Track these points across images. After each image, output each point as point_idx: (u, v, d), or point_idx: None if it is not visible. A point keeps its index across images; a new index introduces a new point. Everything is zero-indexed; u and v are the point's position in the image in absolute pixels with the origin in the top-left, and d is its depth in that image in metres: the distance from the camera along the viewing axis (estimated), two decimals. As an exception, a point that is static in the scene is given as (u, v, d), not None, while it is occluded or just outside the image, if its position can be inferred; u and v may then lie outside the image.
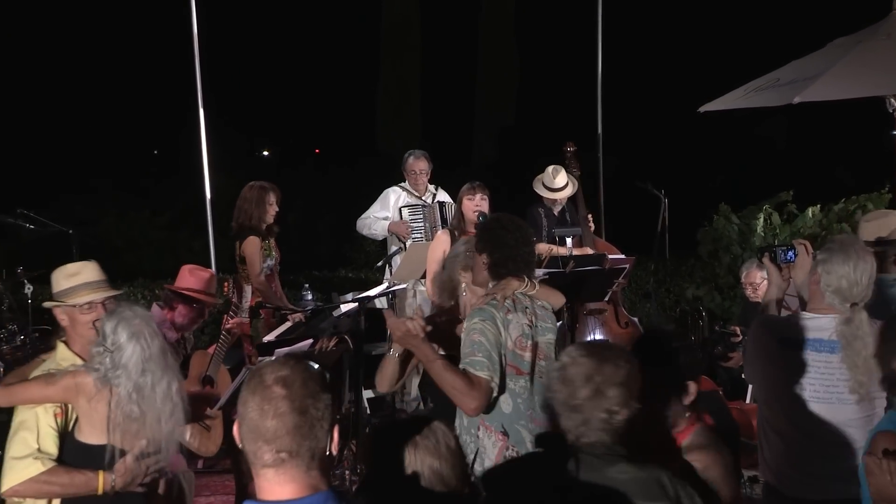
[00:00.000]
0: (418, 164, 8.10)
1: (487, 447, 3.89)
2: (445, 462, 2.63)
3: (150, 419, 3.52)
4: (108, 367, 3.52)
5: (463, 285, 4.32)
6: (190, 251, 14.21)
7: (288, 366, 2.27)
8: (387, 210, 8.13)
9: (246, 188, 7.25)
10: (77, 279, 3.90)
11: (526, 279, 4.12)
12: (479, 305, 4.00)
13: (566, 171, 8.26)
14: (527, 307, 4.05)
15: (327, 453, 2.25)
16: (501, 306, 3.98)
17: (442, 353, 3.88)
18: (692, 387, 3.30)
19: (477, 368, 3.80)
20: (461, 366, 3.81)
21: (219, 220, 8.68)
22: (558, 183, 8.19)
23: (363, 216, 8.21)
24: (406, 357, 4.05)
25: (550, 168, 8.19)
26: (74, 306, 3.82)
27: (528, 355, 3.96)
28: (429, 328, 3.84)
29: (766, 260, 4.26)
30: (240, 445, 2.28)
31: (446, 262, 4.48)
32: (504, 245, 4.15)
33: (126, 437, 3.53)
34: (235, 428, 2.30)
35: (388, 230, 8.01)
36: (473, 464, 3.84)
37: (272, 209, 7.22)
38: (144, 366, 3.51)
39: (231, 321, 6.02)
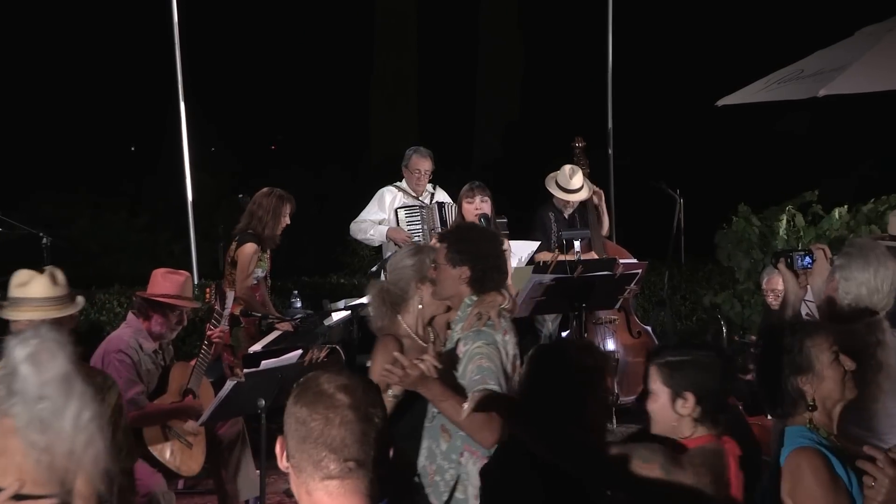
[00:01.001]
0: (422, 163, 8.06)
1: (471, 473, 3.86)
2: None
3: (59, 451, 3.30)
4: (3, 394, 3.32)
5: (417, 299, 4.28)
6: (170, 255, 14.21)
7: (344, 375, 2.34)
8: (383, 211, 8.10)
9: (263, 194, 7.24)
10: (23, 291, 3.85)
11: (506, 294, 4.16)
12: (474, 327, 3.96)
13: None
14: (508, 324, 4.09)
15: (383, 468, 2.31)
16: (498, 327, 3.99)
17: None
18: (689, 398, 3.31)
19: None
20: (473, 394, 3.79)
21: (201, 222, 8.69)
22: (574, 184, 8.18)
23: (358, 220, 8.17)
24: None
25: (567, 167, 8.18)
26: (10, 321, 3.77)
27: (516, 377, 3.97)
28: (440, 366, 3.75)
29: (781, 266, 4.25)
30: (284, 462, 2.30)
31: (391, 272, 4.38)
32: (487, 256, 4.13)
33: (38, 472, 3.32)
34: (279, 444, 2.33)
35: (387, 237, 7.96)
36: (453, 492, 3.84)
37: (285, 222, 7.24)
38: (41, 391, 3.29)
39: (214, 330, 6.02)
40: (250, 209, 7.23)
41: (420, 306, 4.26)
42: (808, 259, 4.21)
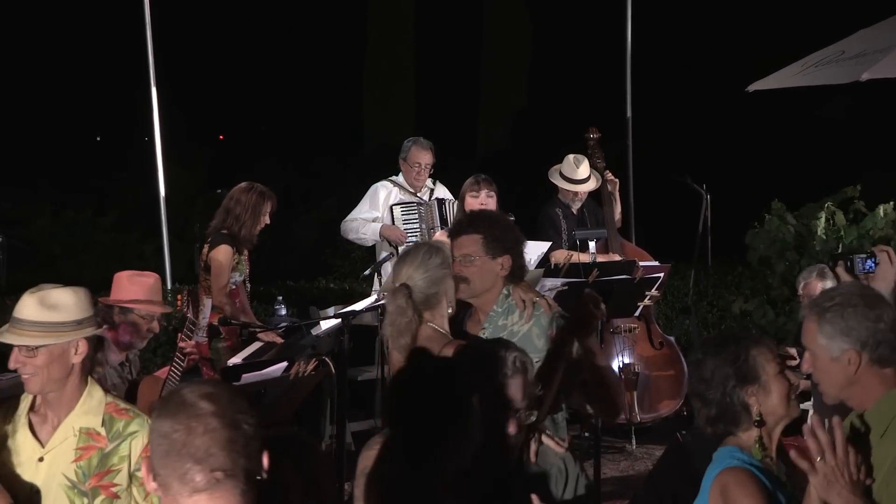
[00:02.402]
0: (422, 156, 8.06)
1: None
2: None
3: None
4: None
5: (447, 300, 4.27)
6: (140, 257, 14.19)
7: (208, 384, 2.40)
8: (377, 209, 8.10)
9: (241, 190, 7.22)
10: (17, 308, 3.85)
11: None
12: (539, 313, 4.20)
13: (588, 162, 8.27)
14: None
15: (259, 478, 2.34)
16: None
17: None
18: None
19: None
20: None
21: (174, 221, 8.69)
22: (580, 174, 8.20)
23: (349, 218, 8.17)
24: None
25: (571, 156, 8.21)
26: None
27: None
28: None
29: (839, 270, 4.21)
30: (150, 483, 2.33)
31: (426, 274, 4.25)
32: (519, 242, 4.33)
33: None
34: (145, 465, 2.37)
35: (380, 235, 7.96)
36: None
37: (264, 221, 7.21)
38: None
39: (187, 342, 6.00)
40: (226, 205, 7.20)
41: (451, 310, 4.27)
42: (870, 263, 4.15)
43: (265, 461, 2.36)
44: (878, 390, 3.16)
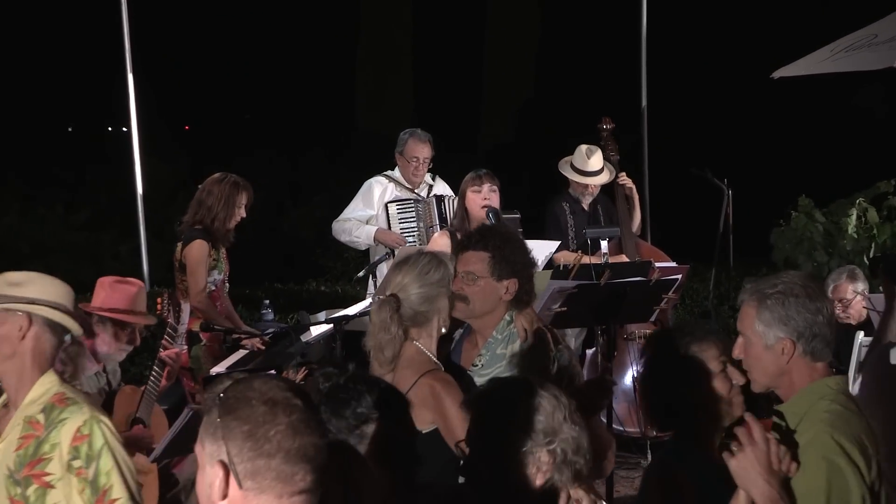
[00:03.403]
0: (420, 149, 8.04)
1: None
2: None
3: None
4: None
5: (440, 320, 4.20)
6: (115, 258, 14.21)
7: (273, 378, 2.44)
8: (371, 207, 8.09)
9: (213, 181, 7.21)
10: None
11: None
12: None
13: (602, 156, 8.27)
14: None
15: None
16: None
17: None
18: None
19: None
20: None
21: (152, 218, 8.69)
22: (592, 165, 8.20)
23: (341, 218, 8.15)
24: None
25: (584, 147, 8.22)
26: None
27: None
28: None
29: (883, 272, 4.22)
30: (232, 489, 2.37)
31: (409, 286, 4.16)
32: (529, 265, 4.33)
33: None
34: (218, 474, 2.39)
35: (375, 240, 7.95)
36: None
37: (239, 213, 7.19)
38: None
39: (167, 350, 6.01)
40: (199, 197, 7.18)
41: (444, 329, 4.21)
42: None
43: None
44: (806, 383, 3.28)
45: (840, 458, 3.11)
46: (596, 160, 8.21)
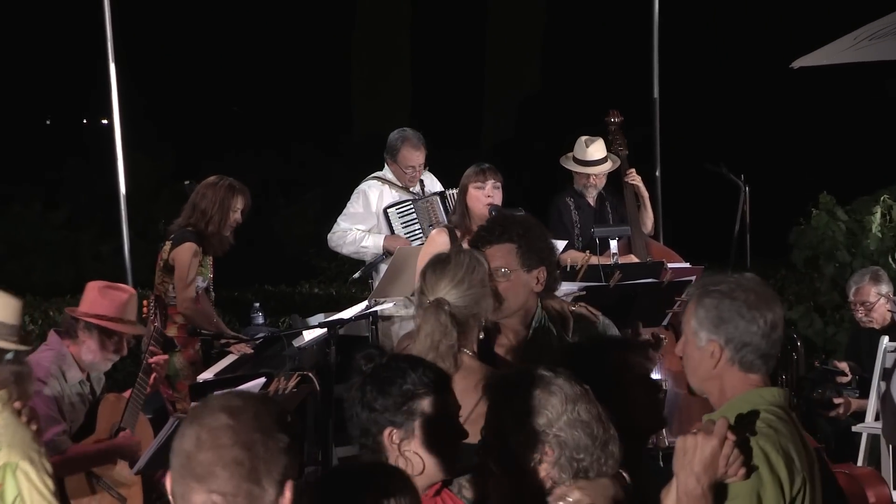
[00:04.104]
0: (417, 157, 8.00)
1: None
2: None
3: None
4: None
5: (480, 323, 4.15)
6: (96, 258, 14.22)
7: (242, 396, 2.40)
8: (372, 217, 8.07)
9: (208, 183, 7.24)
10: None
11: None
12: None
13: (608, 149, 8.27)
14: None
15: None
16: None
17: None
18: None
19: None
20: None
21: (136, 217, 8.70)
22: (593, 154, 8.21)
23: (339, 228, 8.09)
24: None
25: (583, 137, 8.23)
26: None
27: None
28: None
29: None
30: (170, 496, 2.36)
31: (469, 291, 4.08)
32: (553, 250, 4.38)
33: None
34: (168, 476, 2.38)
35: (384, 249, 7.93)
36: None
37: (234, 219, 7.21)
38: None
39: (157, 356, 6.02)
40: (193, 201, 7.22)
41: (481, 335, 4.15)
42: None
43: (287, 493, 2.35)
44: (738, 393, 3.29)
45: (762, 466, 3.12)
46: (596, 148, 8.21)
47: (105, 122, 14.42)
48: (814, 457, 3.31)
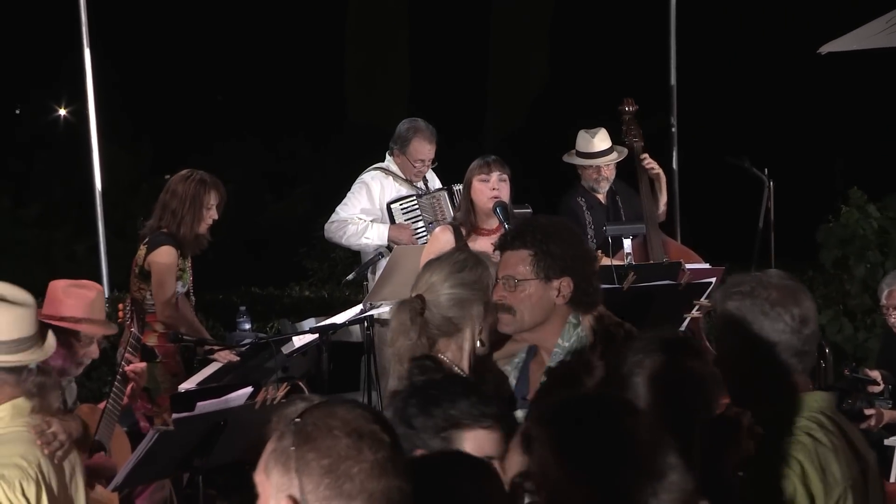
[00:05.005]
0: (427, 151, 7.99)
1: None
2: None
3: None
4: None
5: (472, 332, 4.10)
6: (70, 259, 14.23)
7: (367, 410, 2.43)
8: (375, 210, 8.06)
9: (178, 179, 7.21)
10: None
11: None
12: None
13: (620, 140, 8.27)
14: None
15: None
16: None
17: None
18: None
19: None
20: None
21: (112, 214, 8.70)
22: (597, 145, 8.21)
23: (338, 217, 8.10)
24: None
25: (583, 130, 8.24)
26: None
27: None
28: None
29: None
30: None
31: (452, 291, 4.09)
32: (587, 258, 4.23)
33: None
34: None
35: (389, 239, 7.92)
36: None
37: (210, 216, 7.18)
38: None
39: (134, 363, 6.02)
40: (162, 199, 7.17)
41: (479, 345, 4.09)
42: None
43: None
44: (776, 400, 3.34)
45: (795, 480, 3.15)
46: (600, 139, 8.20)
47: (64, 112, 14.35)
48: (869, 463, 3.31)
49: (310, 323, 7.41)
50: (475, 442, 3.15)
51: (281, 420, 2.41)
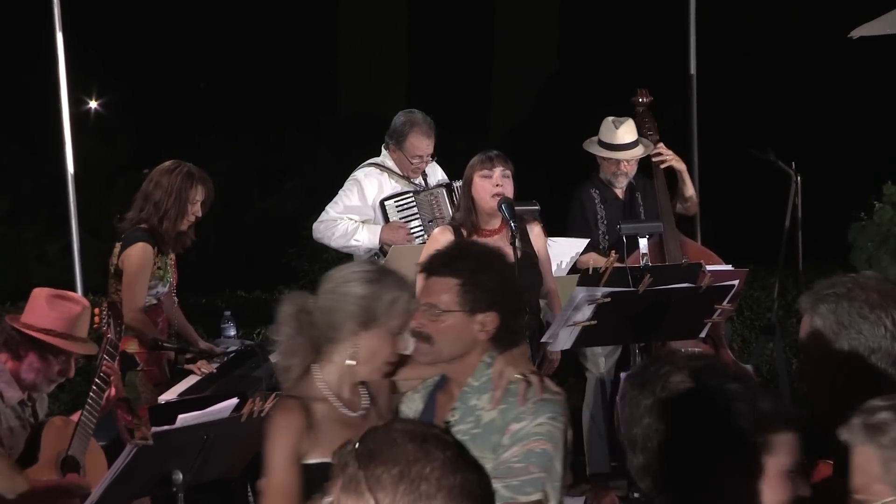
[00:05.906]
0: (426, 146, 8.04)
1: None
2: None
3: None
4: None
5: (348, 349, 4.16)
6: (41, 259, 14.23)
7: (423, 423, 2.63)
8: (368, 209, 8.08)
9: (162, 170, 7.21)
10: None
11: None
12: (532, 396, 4.04)
13: (639, 132, 8.27)
14: None
15: None
16: (560, 395, 4.15)
17: None
18: None
19: (529, 492, 3.98)
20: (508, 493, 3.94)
21: (86, 211, 8.69)
22: (623, 136, 8.20)
23: (328, 216, 8.12)
24: None
25: (611, 118, 8.22)
26: None
27: None
28: None
29: None
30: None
31: (328, 291, 4.19)
32: (516, 293, 4.23)
33: None
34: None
35: (381, 241, 7.94)
36: None
37: (193, 212, 7.18)
38: None
39: (110, 367, 6.02)
40: (145, 190, 7.17)
41: (352, 362, 4.13)
42: None
43: None
44: None
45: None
46: (626, 130, 8.19)
47: (50, 99, 14.27)
48: None
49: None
50: None
51: (337, 455, 2.46)
